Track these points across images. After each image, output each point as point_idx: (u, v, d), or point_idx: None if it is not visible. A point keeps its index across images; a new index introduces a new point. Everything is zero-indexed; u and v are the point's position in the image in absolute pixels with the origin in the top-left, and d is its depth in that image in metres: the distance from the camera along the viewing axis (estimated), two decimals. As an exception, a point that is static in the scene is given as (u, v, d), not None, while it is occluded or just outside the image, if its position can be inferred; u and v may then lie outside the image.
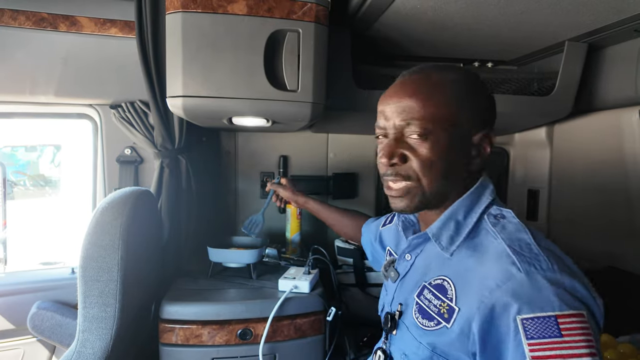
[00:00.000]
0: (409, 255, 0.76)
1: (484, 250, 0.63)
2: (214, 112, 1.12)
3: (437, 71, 0.69)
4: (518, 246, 0.59)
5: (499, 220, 0.66)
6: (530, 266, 0.56)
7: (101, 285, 0.98)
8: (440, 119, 0.65)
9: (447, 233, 0.68)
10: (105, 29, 1.32)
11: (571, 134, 1.59)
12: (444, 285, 0.65)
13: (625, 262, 1.38)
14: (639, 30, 1.17)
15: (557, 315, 0.52)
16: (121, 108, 1.44)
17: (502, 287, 0.56)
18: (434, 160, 0.65)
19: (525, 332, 0.52)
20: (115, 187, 1.51)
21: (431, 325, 0.64)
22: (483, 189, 0.70)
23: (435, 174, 0.66)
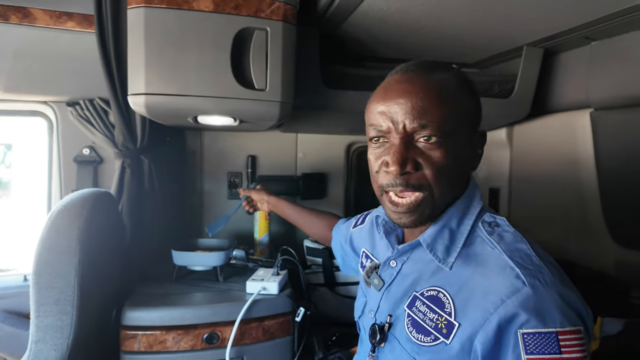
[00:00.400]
0: (395, 262, 0.72)
1: (483, 261, 0.60)
2: (179, 110, 1.08)
3: (439, 71, 0.64)
4: (519, 258, 0.57)
5: (494, 229, 0.63)
6: (535, 279, 0.54)
7: (56, 293, 0.93)
8: (452, 121, 0.60)
9: (442, 243, 0.64)
10: (61, 23, 1.25)
11: (529, 134, 1.66)
12: (439, 298, 0.61)
13: (578, 256, 1.46)
14: (589, 38, 1.25)
15: (558, 332, 0.51)
16: (79, 106, 1.37)
17: (506, 301, 0.54)
18: (448, 166, 0.61)
19: (525, 347, 0.52)
20: (72, 189, 1.44)
21: (428, 341, 0.61)
22: (473, 194, 0.68)
23: (447, 181, 0.62)
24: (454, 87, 0.64)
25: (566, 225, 1.52)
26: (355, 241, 0.98)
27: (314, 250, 1.49)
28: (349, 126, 1.66)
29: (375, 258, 0.82)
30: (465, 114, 0.64)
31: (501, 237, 0.61)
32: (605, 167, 1.34)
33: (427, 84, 0.61)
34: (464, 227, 0.65)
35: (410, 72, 0.64)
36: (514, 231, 0.63)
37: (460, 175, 0.66)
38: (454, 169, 0.62)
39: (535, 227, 1.64)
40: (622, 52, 1.18)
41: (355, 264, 0.99)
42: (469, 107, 0.65)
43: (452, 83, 0.64)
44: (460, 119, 0.62)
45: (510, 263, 0.57)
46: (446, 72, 0.65)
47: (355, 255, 0.98)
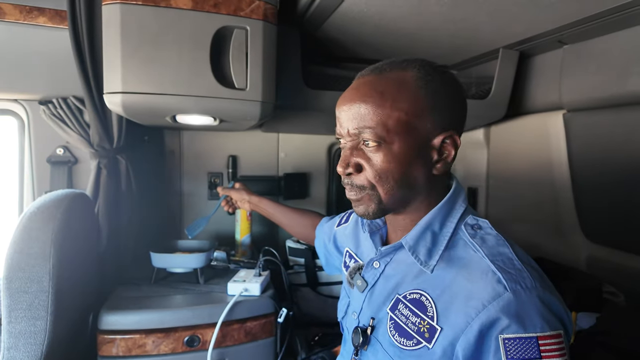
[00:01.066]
0: (378, 263, 0.71)
1: (465, 264, 0.60)
2: (157, 109, 1.06)
3: (396, 69, 0.63)
4: (501, 262, 0.57)
5: (476, 232, 0.63)
6: (517, 284, 0.54)
7: (30, 297, 0.90)
8: (394, 124, 0.60)
9: (425, 245, 0.64)
10: (32, 18, 1.20)
11: (505, 135, 1.70)
12: (422, 301, 0.61)
13: (552, 253, 1.50)
14: (562, 42, 1.29)
15: (539, 337, 0.52)
16: (52, 104, 1.33)
17: (488, 306, 0.54)
18: (389, 169, 0.61)
19: (506, 352, 0.52)
20: (46, 190, 1.40)
21: (410, 345, 0.60)
22: (456, 196, 0.67)
23: (392, 182, 0.62)
24: (405, 87, 0.61)
25: (541, 223, 1.56)
26: (338, 240, 0.97)
27: (297, 251, 1.49)
28: (330, 126, 1.64)
29: (359, 258, 0.82)
30: (418, 114, 0.61)
31: (484, 240, 0.61)
32: (577, 167, 1.38)
33: (370, 89, 0.62)
34: (447, 229, 0.65)
35: (363, 76, 0.65)
36: (497, 234, 0.63)
37: (413, 177, 0.63)
38: (399, 172, 0.62)
39: (510, 225, 1.69)
40: (593, 56, 1.23)
41: (338, 263, 0.97)
42: (426, 107, 0.61)
43: (403, 84, 0.61)
44: (409, 121, 0.61)
45: (492, 267, 0.57)
46: (403, 71, 0.63)
47: (339, 254, 0.97)
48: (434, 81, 0.62)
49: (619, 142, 1.23)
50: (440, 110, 0.62)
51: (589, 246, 1.42)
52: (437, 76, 0.63)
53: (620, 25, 1.11)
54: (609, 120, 1.24)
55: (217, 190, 1.36)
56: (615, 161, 1.25)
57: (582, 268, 1.43)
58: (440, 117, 0.62)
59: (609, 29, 1.14)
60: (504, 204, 1.74)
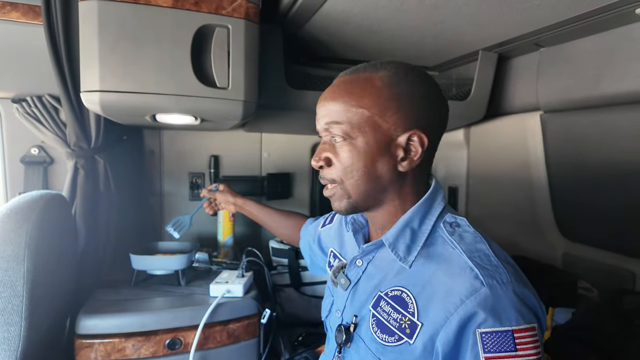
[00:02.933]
0: (361, 261, 0.72)
1: (444, 261, 0.61)
2: (136, 108, 1.04)
3: (368, 70, 0.66)
4: (479, 258, 0.59)
5: (454, 229, 0.65)
6: (493, 280, 0.56)
7: (2, 303, 0.87)
8: (358, 120, 0.63)
9: (404, 242, 0.65)
10: (4, 13, 1.16)
11: (485, 135, 1.74)
12: (403, 298, 0.62)
13: (530, 251, 1.54)
14: (538, 44, 1.32)
15: (514, 330, 0.53)
16: (26, 102, 1.29)
17: (466, 301, 0.55)
18: (354, 163, 0.64)
19: (484, 346, 0.53)
20: (19, 191, 1.35)
21: (392, 341, 0.62)
22: (435, 195, 0.69)
23: (356, 177, 0.65)
24: (373, 87, 0.64)
25: (518, 221, 1.60)
26: (323, 241, 0.98)
27: (280, 251, 1.48)
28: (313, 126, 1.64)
29: (343, 258, 0.82)
30: (382, 113, 0.63)
31: (461, 238, 0.63)
32: (554, 166, 1.42)
33: (341, 89, 0.66)
34: (425, 226, 0.66)
35: (342, 76, 0.69)
36: (474, 231, 0.64)
37: (378, 173, 0.65)
38: (363, 166, 0.65)
39: (490, 223, 1.72)
40: (568, 58, 1.26)
41: (323, 263, 0.98)
42: (390, 106, 0.63)
43: (372, 83, 0.64)
44: (374, 118, 0.63)
45: (470, 263, 0.58)
46: (374, 71, 0.65)
47: (323, 255, 0.98)
48: (402, 81, 0.64)
49: (593, 143, 1.27)
50: (407, 109, 0.64)
51: (565, 244, 1.46)
52: (407, 77, 0.65)
53: (593, 30, 1.15)
54: (583, 121, 1.28)
55: (201, 193, 1.33)
56: (590, 161, 1.29)
57: (559, 265, 1.47)
58: (406, 116, 0.64)
59: (583, 32, 1.18)
60: (484, 203, 1.78)
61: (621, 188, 1.20)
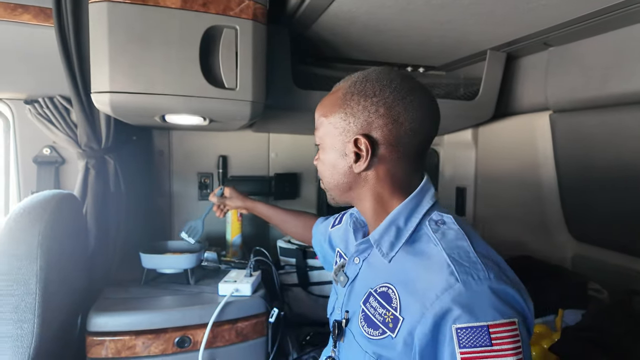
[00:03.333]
0: (358, 259, 0.75)
1: (425, 258, 0.63)
2: (145, 109, 1.06)
3: (343, 82, 0.73)
4: (457, 254, 0.60)
5: (439, 227, 0.66)
6: (468, 276, 0.57)
7: (16, 300, 0.88)
8: (322, 129, 0.73)
9: (388, 239, 0.68)
10: (16, 15, 1.18)
11: (493, 135, 1.73)
12: (388, 294, 0.64)
13: (539, 252, 1.53)
14: (547, 44, 1.31)
15: (489, 325, 0.54)
16: (38, 104, 1.31)
17: (440, 297, 0.56)
18: (323, 165, 0.75)
19: (459, 341, 0.54)
20: (32, 191, 1.37)
21: (376, 335, 0.64)
22: (424, 193, 0.70)
23: (326, 176, 0.75)
24: (337, 97, 0.71)
25: (527, 222, 1.59)
26: (333, 241, 1.00)
27: (288, 251, 1.49)
28: (321, 126, 1.66)
29: (346, 257, 0.84)
30: (340, 120, 0.70)
31: (444, 235, 0.64)
32: (563, 167, 1.41)
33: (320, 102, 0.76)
34: (410, 224, 0.68)
35: None
36: (458, 228, 0.65)
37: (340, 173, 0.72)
38: (327, 168, 0.74)
39: (498, 224, 1.71)
40: (577, 58, 1.25)
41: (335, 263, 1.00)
42: (339, 114, 0.70)
43: (337, 94, 0.72)
44: (329, 125, 0.71)
45: (448, 260, 0.59)
46: (343, 83, 0.73)
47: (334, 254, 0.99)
48: (354, 91, 0.69)
49: (603, 143, 1.26)
50: (355, 115, 0.68)
51: (575, 245, 1.44)
52: (361, 86, 0.69)
53: (601, 29, 1.14)
54: (593, 121, 1.27)
55: (210, 198, 1.31)
56: (599, 161, 1.28)
57: (568, 266, 1.46)
58: (356, 121, 0.69)
59: (592, 32, 1.16)
60: (492, 204, 1.76)
61: (631, 188, 1.19)
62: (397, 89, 0.67)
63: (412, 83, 0.69)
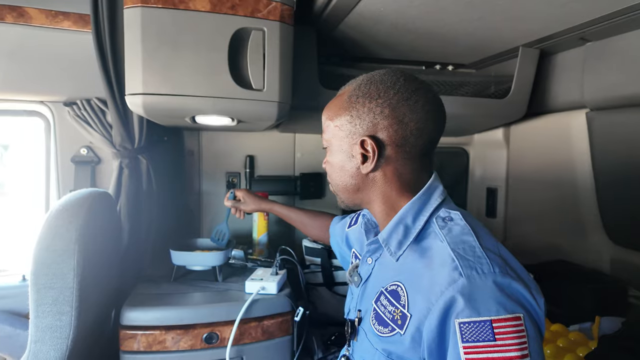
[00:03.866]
0: (370, 259, 0.76)
1: (432, 254, 0.63)
2: (176, 110, 1.09)
3: (349, 84, 0.74)
4: (462, 249, 0.60)
5: (446, 223, 0.66)
6: (472, 270, 0.57)
7: (55, 293, 0.93)
8: (329, 131, 0.74)
9: (396, 238, 0.69)
10: (57, 22, 1.25)
11: (526, 134, 1.67)
12: (397, 292, 0.65)
13: (574, 255, 1.47)
14: (584, 39, 1.26)
15: (493, 320, 0.53)
16: (76, 105, 1.37)
17: (444, 292, 0.57)
18: (331, 166, 0.76)
19: (462, 335, 0.54)
20: (70, 189, 1.44)
21: (386, 332, 0.65)
22: (431, 191, 0.71)
23: (334, 179, 0.76)
24: (342, 99, 0.72)
25: (563, 224, 1.53)
26: (350, 241, 1.00)
27: (313, 250, 1.49)
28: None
29: (360, 257, 0.85)
30: (341, 123, 0.71)
31: (450, 230, 0.64)
32: (601, 167, 1.35)
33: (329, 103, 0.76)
34: (418, 222, 0.68)
35: None
36: (465, 224, 0.65)
37: (347, 175, 0.73)
38: (334, 170, 0.75)
39: (531, 226, 1.66)
40: (616, 53, 1.19)
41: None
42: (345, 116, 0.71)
43: (342, 96, 0.72)
44: (336, 127, 0.72)
45: (452, 255, 0.60)
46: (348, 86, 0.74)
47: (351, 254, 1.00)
48: (360, 93, 0.70)
49: (644, 142, 1.19)
50: (361, 117, 0.69)
51: (613, 248, 1.38)
52: (365, 87, 0.70)
53: (645, 21, 1.08)
54: (633, 119, 1.20)
55: (225, 203, 1.31)
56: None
57: (605, 271, 1.39)
58: (361, 123, 0.69)
59: (634, 25, 1.11)
60: (524, 205, 1.71)
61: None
62: (401, 90, 0.68)
63: (416, 83, 0.69)
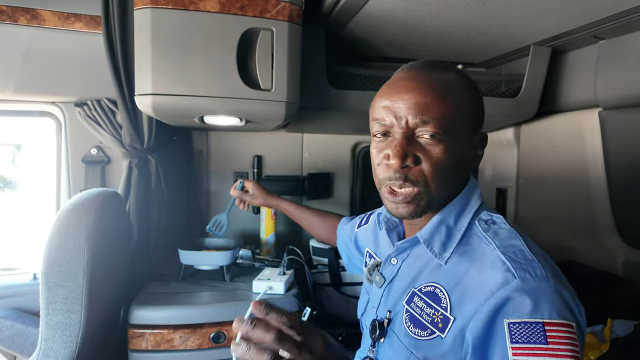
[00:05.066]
0: (395, 260, 0.73)
1: (477, 257, 0.61)
2: (185, 110, 1.09)
3: (443, 70, 0.66)
4: (512, 252, 0.58)
5: (490, 226, 0.64)
6: (525, 272, 0.55)
7: (66, 291, 0.94)
8: (454, 119, 0.61)
9: (439, 239, 0.65)
10: (69, 24, 1.26)
11: (537, 134, 1.65)
12: (436, 293, 0.63)
13: (586, 257, 1.44)
14: (597, 37, 1.23)
15: (545, 323, 0.52)
16: (87, 106, 1.39)
17: (496, 293, 0.55)
18: (446, 163, 0.62)
19: (511, 336, 0.52)
20: (80, 189, 1.46)
21: (424, 335, 0.62)
22: (472, 192, 0.69)
23: (445, 177, 0.63)
24: (457, 86, 0.65)
25: (574, 225, 1.50)
26: (360, 241, 0.99)
27: (320, 250, 1.49)
28: (355, 126, 1.66)
29: (378, 257, 0.83)
30: (466, 114, 0.64)
31: (496, 234, 0.63)
32: (614, 167, 1.32)
33: (430, 81, 0.63)
34: (461, 223, 0.66)
35: (414, 69, 0.66)
36: (510, 228, 0.63)
37: (458, 174, 0.66)
38: (451, 167, 0.63)
39: (542, 227, 1.63)
40: (631, 51, 1.17)
41: (360, 263, 0.99)
42: (471, 108, 0.66)
43: (455, 82, 0.65)
44: (462, 118, 0.63)
45: (502, 257, 0.58)
46: (450, 71, 0.67)
47: (360, 255, 0.99)
48: (472, 86, 0.68)
49: (659, 142, 1.17)
50: (476, 112, 0.67)
51: (627, 250, 1.35)
52: (472, 82, 0.68)
53: (661, 19, 1.05)
54: (649, 118, 1.18)
55: (231, 192, 1.30)
56: (655, 161, 1.19)
57: (619, 273, 1.37)
58: (477, 118, 0.67)
59: (649, 22, 1.08)
60: (535, 205, 1.68)
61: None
62: None
63: None
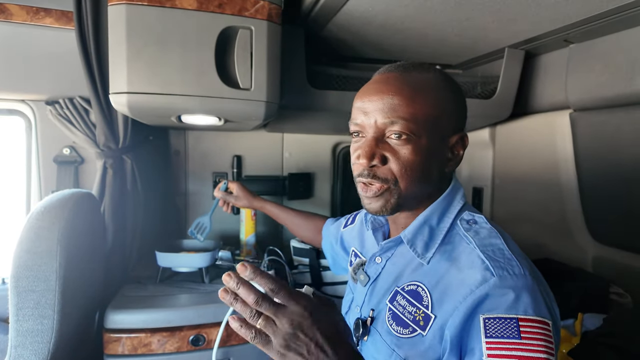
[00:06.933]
0: (380, 259, 0.74)
1: (458, 256, 0.63)
2: (162, 109, 1.07)
3: (419, 70, 0.66)
4: (491, 251, 0.60)
5: (471, 226, 0.66)
6: (503, 270, 0.57)
7: (37, 296, 0.91)
8: (423, 120, 0.62)
9: (422, 239, 0.67)
10: (39, 19, 1.21)
11: (511, 135, 1.69)
12: (418, 292, 0.64)
13: (559, 254, 1.49)
14: (568, 41, 1.28)
15: (519, 318, 0.53)
16: (59, 104, 1.34)
17: (475, 291, 0.56)
18: (414, 162, 0.63)
19: (486, 331, 0.54)
20: (52, 190, 1.41)
21: (406, 333, 0.63)
22: (455, 193, 0.70)
23: (413, 177, 0.64)
24: (431, 87, 0.65)
25: (546, 223, 1.55)
26: (345, 241, 0.99)
27: (301, 250, 1.49)
28: (335, 126, 1.66)
29: (363, 256, 0.84)
30: (441, 114, 0.65)
31: (477, 233, 0.64)
32: (584, 167, 1.37)
33: (401, 83, 0.64)
34: (443, 224, 0.68)
35: (388, 72, 0.68)
36: (490, 227, 0.65)
37: (431, 173, 0.66)
38: (422, 167, 0.64)
39: (516, 225, 1.68)
40: (599, 55, 1.22)
41: (345, 263, 0.99)
42: (446, 108, 0.66)
43: (429, 83, 0.65)
44: (435, 118, 0.64)
45: (482, 256, 0.59)
46: (426, 72, 0.67)
47: (346, 254, 0.99)
48: (450, 86, 0.68)
49: (626, 142, 1.22)
50: (454, 112, 0.67)
51: (595, 247, 1.41)
52: (451, 82, 0.68)
53: (626, 24, 1.10)
54: (616, 119, 1.23)
55: (215, 194, 1.26)
56: (622, 161, 1.24)
57: (588, 269, 1.42)
58: (454, 118, 0.68)
59: (615, 28, 1.13)
60: (510, 204, 1.73)
61: (657, 189, 1.15)
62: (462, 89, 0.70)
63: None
